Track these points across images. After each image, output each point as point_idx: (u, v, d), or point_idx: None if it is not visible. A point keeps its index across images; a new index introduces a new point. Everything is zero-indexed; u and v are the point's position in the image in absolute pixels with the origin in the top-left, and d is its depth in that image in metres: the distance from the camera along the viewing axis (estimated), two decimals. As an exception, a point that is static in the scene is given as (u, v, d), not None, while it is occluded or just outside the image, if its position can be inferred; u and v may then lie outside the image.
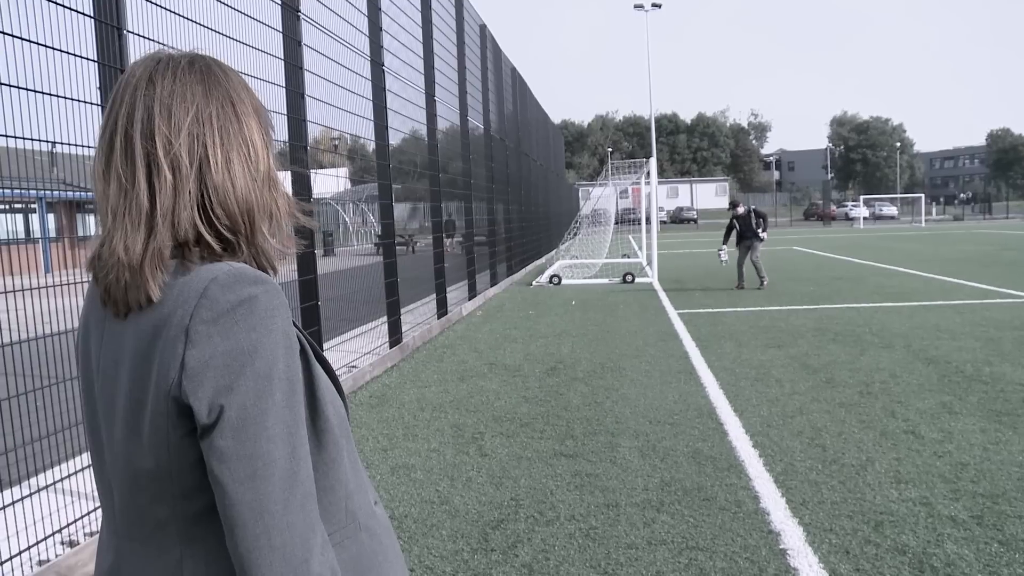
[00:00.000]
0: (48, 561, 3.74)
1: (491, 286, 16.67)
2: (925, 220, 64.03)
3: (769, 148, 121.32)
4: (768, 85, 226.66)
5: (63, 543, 3.95)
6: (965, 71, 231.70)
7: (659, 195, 39.78)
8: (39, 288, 3.92)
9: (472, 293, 14.54)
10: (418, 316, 11.14)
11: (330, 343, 8.52)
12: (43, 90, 3.74)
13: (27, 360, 4.17)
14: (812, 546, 3.93)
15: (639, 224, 30.04)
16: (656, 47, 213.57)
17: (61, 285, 4.05)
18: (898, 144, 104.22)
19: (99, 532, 1.29)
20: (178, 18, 5.01)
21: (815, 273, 19.30)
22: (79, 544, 3.94)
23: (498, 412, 6.71)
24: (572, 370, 8.32)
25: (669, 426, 6.08)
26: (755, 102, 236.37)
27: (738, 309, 12.89)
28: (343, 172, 22.49)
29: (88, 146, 4.00)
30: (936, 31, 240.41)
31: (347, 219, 38.92)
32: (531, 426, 6.23)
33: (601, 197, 24.11)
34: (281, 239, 1.25)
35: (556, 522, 4.34)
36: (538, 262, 26.35)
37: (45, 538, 3.87)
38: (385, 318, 9.44)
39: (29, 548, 3.76)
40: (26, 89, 3.64)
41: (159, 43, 4.64)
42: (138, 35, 4.47)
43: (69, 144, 3.93)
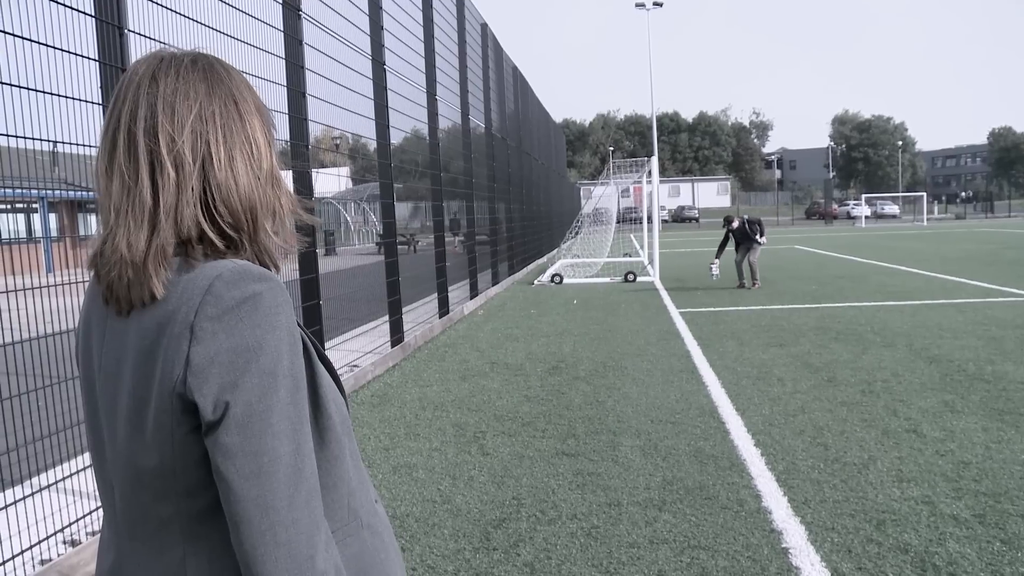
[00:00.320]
0: (50, 560, 3.74)
1: (493, 285, 16.67)
2: (927, 219, 63.97)
3: (771, 147, 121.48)
4: (769, 84, 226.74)
5: (65, 542, 3.96)
6: (966, 70, 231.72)
7: (660, 194, 39.73)
8: (41, 287, 3.92)
9: (474, 292, 14.54)
10: (420, 315, 11.14)
11: (332, 342, 8.52)
12: (44, 89, 3.74)
13: (29, 359, 4.18)
14: (814, 545, 3.92)
15: (640, 223, 30.04)
16: (657, 46, 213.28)
17: (63, 284, 4.06)
18: (900, 143, 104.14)
19: (100, 531, 1.29)
20: (179, 17, 5.01)
21: (817, 272, 19.29)
22: (81, 543, 3.94)
23: (500, 411, 6.71)
24: (574, 369, 8.31)
25: (671, 425, 6.08)
26: (756, 101, 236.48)
27: (740, 308, 12.88)
28: (344, 171, 22.51)
29: (89, 145, 4.01)
30: (938, 30, 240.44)
31: (348, 218, 38.93)
32: (533, 425, 6.23)
33: (603, 196, 24.11)
34: (284, 237, 1.26)
35: (558, 521, 4.34)
36: (540, 261, 26.34)
37: (47, 537, 3.87)
38: (387, 317, 9.44)
39: (31, 547, 3.77)
40: (27, 88, 3.64)
41: (160, 42, 4.64)
42: (139, 34, 4.48)
43: (71, 144, 3.93)
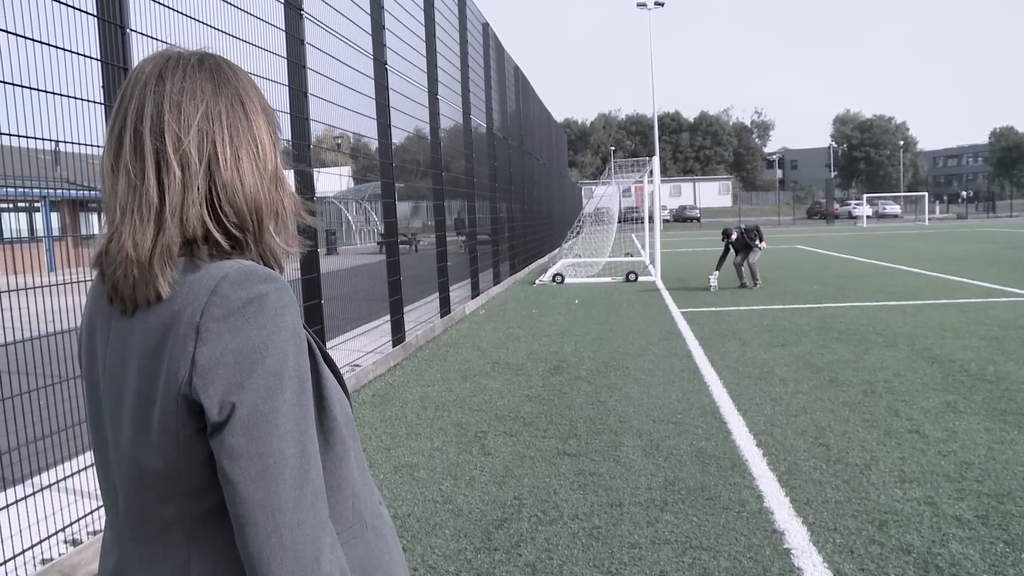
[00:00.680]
0: (51, 560, 3.74)
1: (494, 285, 16.67)
2: (928, 218, 63.91)
3: (772, 147, 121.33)
4: (771, 84, 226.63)
5: (66, 542, 3.95)
6: (968, 69, 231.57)
7: (662, 193, 39.73)
8: (42, 287, 3.92)
9: (475, 292, 14.54)
10: (421, 315, 11.14)
11: (333, 342, 8.52)
12: (47, 89, 3.74)
13: (30, 359, 4.18)
14: (816, 545, 3.92)
15: (642, 223, 30.04)
16: (659, 45, 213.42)
17: (64, 284, 4.06)
18: (901, 142, 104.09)
19: (103, 532, 1.28)
20: (181, 17, 5.01)
21: (818, 272, 19.28)
22: (82, 543, 3.94)
23: (501, 411, 6.71)
24: (575, 369, 8.31)
25: (672, 425, 6.07)
26: (758, 101, 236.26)
27: (741, 308, 12.87)
28: (346, 171, 22.51)
29: (92, 145, 4.01)
30: (939, 29, 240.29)
31: (350, 218, 38.95)
32: (534, 425, 6.23)
33: (604, 196, 24.11)
34: (286, 238, 1.25)
35: (559, 521, 4.34)
36: (541, 261, 26.33)
37: (48, 537, 3.87)
38: (388, 317, 9.44)
39: (32, 547, 3.77)
40: (30, 88, 3.64)
41: (162, 42, 4.64)
42: (141, 34, 4.47)
43: (73, 143, 3.94)
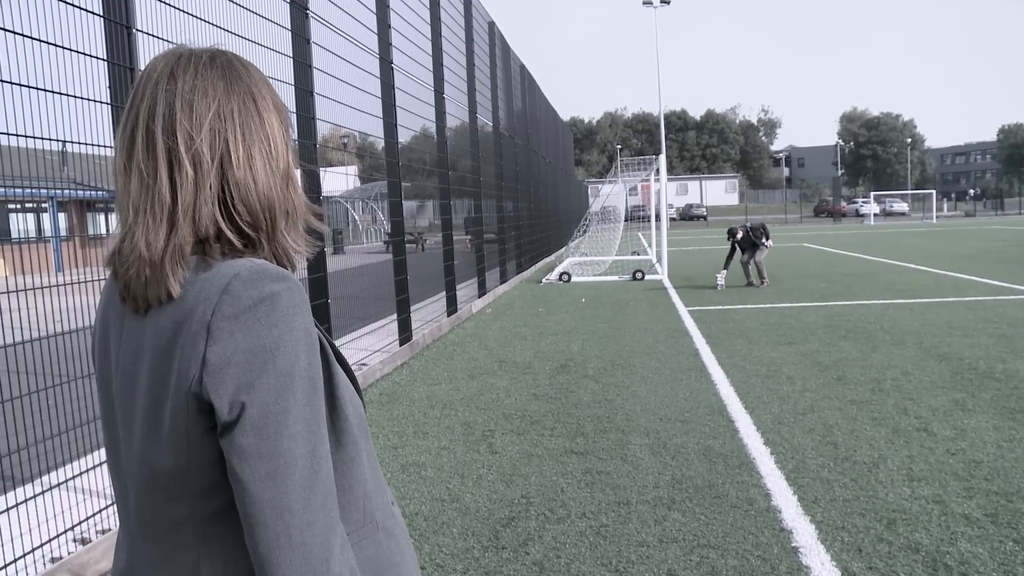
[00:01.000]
0: (60, 558, 3.75)
1: (501, 283, 16.67)
2: (936, 216, 63.71)
3: (779, 145, 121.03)
4: (777, 82, 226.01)
5: (75, 540, 3.97)
6: (976, 66, 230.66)
7: (668, 192, 39.71)
8: (50, 287, 3.93)
9: (482, 291, 14.54)
10: (428, 314, 11.14)
11: (340, 341, 8.53)
12: (53, 89, 3.75)
13: (38, 358, 4.19)
14: (824, 544, 3.91)
15: (649, 221, 30.00)
16: (665, 43, 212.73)
17: (72, 284, 4.07)
18: (909, 140, 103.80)
19: (117, 531, 1.28)
20: (187, 16, 5.02)
21: (825, 270, 19.23)
22: (91, 541, 3.95)
23: (508, 410, 6.70)
24: (582, 367, 8.31)
25: (680, 423, 6.06)
26: (764, 99, 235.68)
27: (748, 306, 12.85)
28: (352, 170, 22.54)
29: (99, 145, 4.02)
30: (946, 26, 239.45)
31: (356, 217, 38.99)
32: (541, 424, 6.23)
33: (610, 194, 24.08)
34: (296, 238, 1.25)
35: (567, 520, 4.33)
36: (548, 259, 26.33)
37: (57, 535, 3.88)
38: (395, 316, 9.45)
39: (41, 546, 3.78)
40: (37, 88, 3.65)
41: (168, 41, 4.65)
42: (147, 34, 4.48)
43: (80, 143, 3.94)
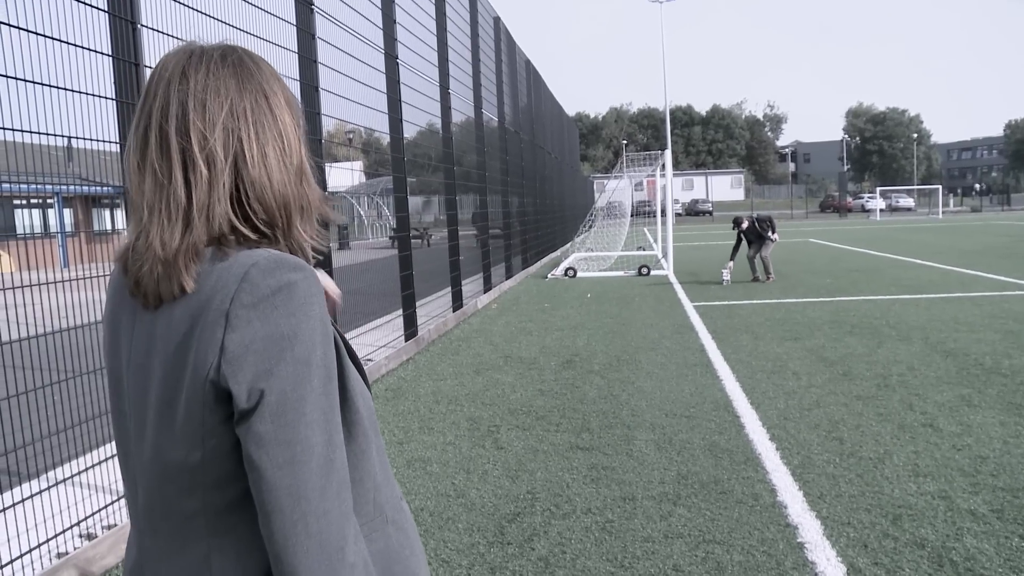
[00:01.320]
0: (67, 554, 3.76)
1: (506, 279, 16.67)
2: (942, 212, 63.53)
3: (785, 140, 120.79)
4: (783, 77, 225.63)
5: (81, 536, 3.97)
6: (982, 61, 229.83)
7: (674, 187, 39.64)
8: (56, 282, 3.93)
9: (487, 286, 14.54)
10: (433, 309, 11.14)
11: (346, 336, 8.52)
12: (58, 85, 3.75)
13: (44, 354, 4.20)
14: (830, 540, 3.90)
15: (654, 216, 29.98)
16: (671, 39, 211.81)
17: (78, 279, 4.07)
18: (915, 135, 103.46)
19: (130, 527, 1.29)
20: (192, 11, 5.01)
21: (831, 265, 19.20)
22: (97, 537, 3.96)
23: (514, 405, 6.71)
24: (588, 363, 8.30)
25: (685, 419, 6.06)
26: (770, 94, 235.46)
27: (754, 301, 12.83)
28: (358, 166, 22.52)
29: (104, 141, 4.02)
30: (953, 21, 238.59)
31: (362, 213, 38.98)
32: (547, 419, 6.22)
33: (616, 189, 24.06)
34: (311, 232, 1.25)
35: (572, 515, 4.33)
36: (553, 255, 26.32)
37: (63, 531, 3.89)
38: (400, 311, 9.45)
39: (47, 541, 3.79)
40: (42, 84, 3.65)
41: (173, 37, 4.65)
42: (152, 29, 4.48)
43: (85, 139, 3.95)
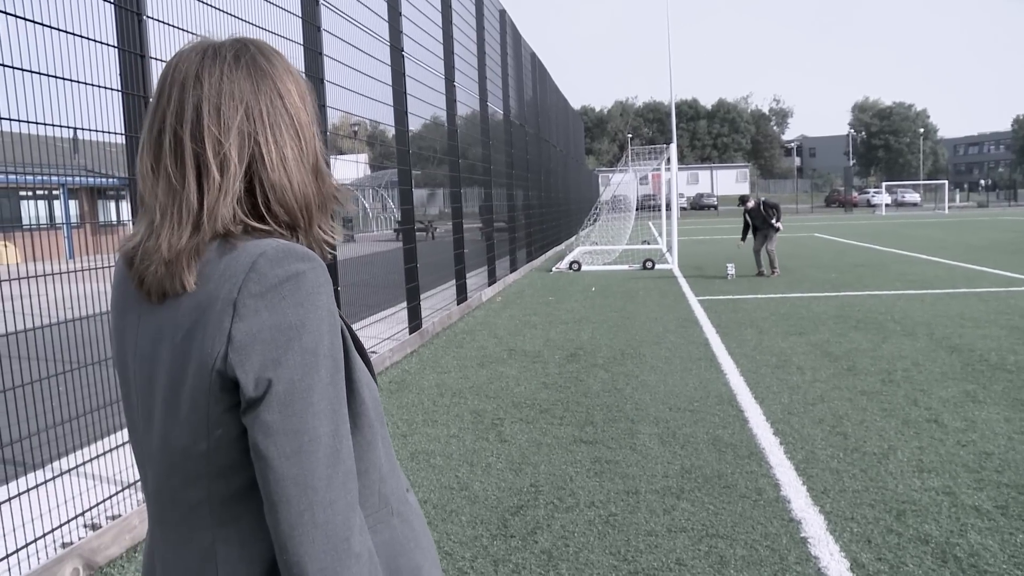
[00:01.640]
0: (71, 544, 3.77)
1: (511, 272, 16.66)
2: (948, 207, 63.39)
3: (790, 134, 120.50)
4: (789, 71, 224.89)
5: (86, 526, 3.99)
6: (990, 56, 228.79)
7: (679, 181, 39.60)
8: (62, 273, 3.94)
9: (492, 279, 14.54)
10: (438, 302, 11.14)
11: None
12: (64, 76, 3.75)
13: (50, 345, 4.21)
14: (833, 535, 3.90)
15: (659, 210, 29.94)
16: (676, 32, 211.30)
17: (84, 270, 4.08)
18: (921, 130, 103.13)
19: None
20: (198, 3, 5.01)
21: (836, 260, 19.17)
22: (102, 527, 3.97)
23: (518, 398, 6.71)
24: (592, 356, 8.30)
25: (689, 413, 6.06)
26: (776, 88, 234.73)
27: (759, 296, 12.82)
28: (363, 158, 22.51)
29: (110, 132, 4.02)
30: (960, 15, 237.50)
31: (367, 205, 38.98)
32: (551, 412, 6.23)
33: (621, 183, 24.03)
34: (327, 226, 1.26)
35: (576, 508, 4.34)
36: (558, 248, 26.31)
37: (68, 521, 3.90)
38: (405, 304, 9.45)
39: (52, 531, 3.80)
40: (48, 75, 3.65)
41: (179, 28, 4.64)
42: (158, 20, 4.48)
43: (91, 130, 3.95)
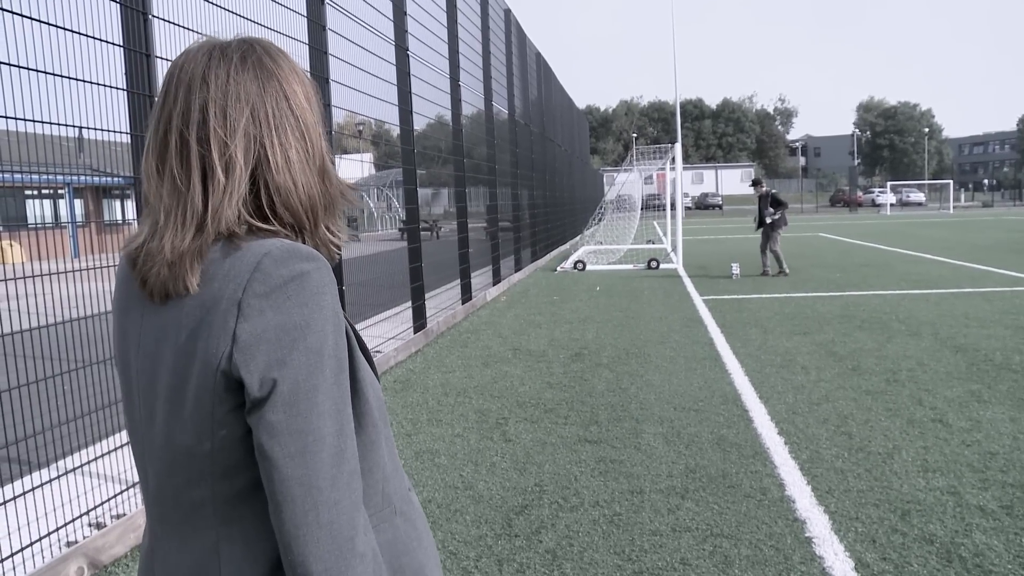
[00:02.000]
0: (76, 543, 3.78)
1: (515, 271, 16.66)
2: (953, 207, 63.26)
3: (795, 134, 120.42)
4: (794, 71, 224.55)
5: (91, 525, 3.99)
6: (995, 55, 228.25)
7: (684, 181, 39.59)
8: (67, 272, 3.95)
9: (496, 279, 14.54)
10: (442, 301, 11.15)
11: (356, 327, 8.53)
12: (70, 75, 3.76)
13: (55, 343, 4.22)
14: (838, 535, 3.90)
15: (664, 210, 29.92)
16: (681, 32, 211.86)
17: (89, 269, 4.08)
18: (926, 129, 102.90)
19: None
20: (203, 2, 5.01)
21: (841, 260, 19.13)
22: (106, 526, 3.97)
23: (522, 398, 6.71)
24: (596, 356, 8.30)
25: (694, 412, 6.05)
26: (781, 88, 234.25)
27: (763, 296, 12.80)
28: (368, 157, 22.54)
29: (115, 131, 4.03)
30: (966, 14, 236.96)
31: (371, 204, 39.00)
32: (555, 412, 6.23)
33: (626, 183, 24.02)
34: (335, 227, 1.26)
35: (580, 508, 4.34)
36: (563, 248, 26.30)
37: (72, 520, 3.91)
38: (409, 303, 9.46)
39: (57, 530, 3.81)
40: (53, 74, 3.66)
41: (184, 28, 4.65)
42: (164, 20, 4.48)
43: (96, 129, 3.95)
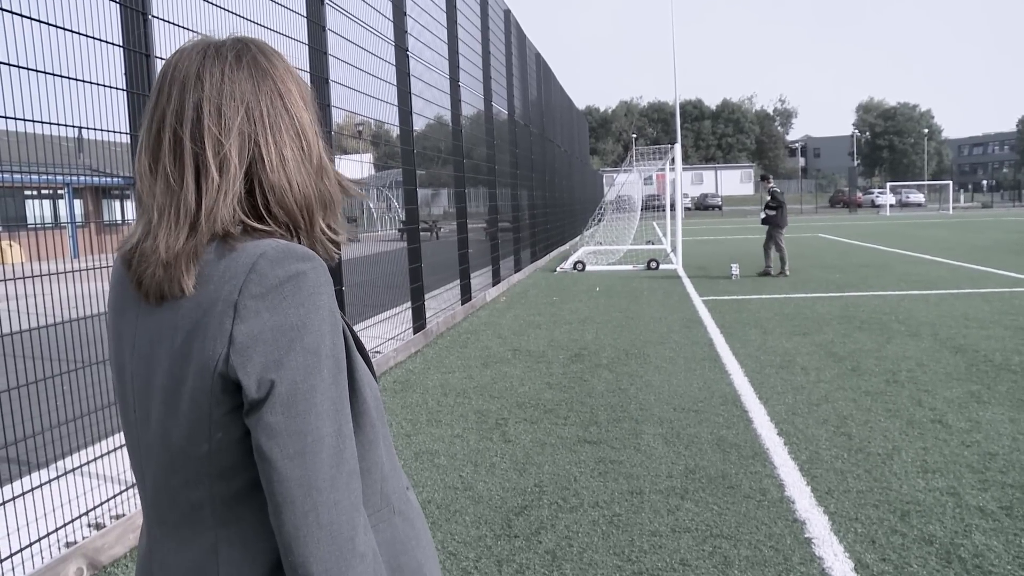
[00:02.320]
0: (75, 543, 3.78)
1: (515, 272, 16.66)
2: (952, 207, 63.28)
3: (795, 135, 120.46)
4: (794, 71, 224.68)
5: (90, 526, 3.99)
6: (995, 56, 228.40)
7: (683, 181, 39.60)
8: (66, 273, 3.94)
9: (496, 279, 14.54)
10: (442, 302, 11.15)
11: (354, 328, 8.53)
12: (70, 75, 3.76)
13: (54, 344, 4.21)
14: (837, 535, 3.90)
15: (663, 211, 29.93)
16: (681, 32, 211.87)
17: (88, 269, 4.08)
18: (926, 130, 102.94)
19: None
20: (203, 2, 5.01)
21: (841, 260, 19.14)
22: (106, 526, 3.97)
23: (522, 398, 6.71)
24: (596, 356, 8.30)
25: (693, 413, 6.05)
26: (781, 88, 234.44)
27: (763, 296, 12.81)
28: (367, 158, 22.54)
29: (115, 132, 4.03)
30: (965, 15, 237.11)
31: (371, 205, 38.99)
32: (555, 412, 6.22)
33: (625, 183, 24.02)
34: (334, 226, 1.26)
35: (580, 509, 4.34)
36: (562, 248, 26.31)
37: (72, 520, 3.91)
38: (409, 304, 9.45)
39: (56, 531, 3.81)
40: (53, 74, 3.66)
41: (184, 28, 4.65)
42: (163, 20, 4.48)
43: (96, 129, 3.95)
